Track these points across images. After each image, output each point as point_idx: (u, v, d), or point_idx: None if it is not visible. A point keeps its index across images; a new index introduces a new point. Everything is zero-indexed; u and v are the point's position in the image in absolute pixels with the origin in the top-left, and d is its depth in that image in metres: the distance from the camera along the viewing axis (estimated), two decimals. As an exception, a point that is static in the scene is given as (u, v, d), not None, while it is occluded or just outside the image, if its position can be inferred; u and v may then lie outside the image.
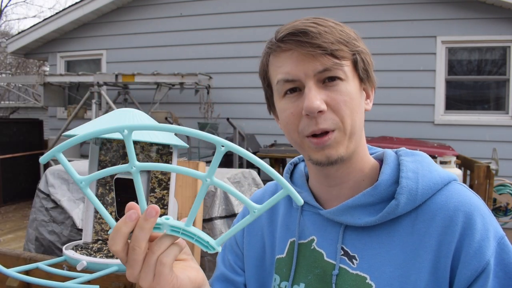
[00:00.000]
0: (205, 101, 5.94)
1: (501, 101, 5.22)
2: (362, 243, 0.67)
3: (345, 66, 0.65)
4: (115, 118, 0.76)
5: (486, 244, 0.60)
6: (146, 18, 6.40)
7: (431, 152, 4.25)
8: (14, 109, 10.63)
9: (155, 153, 0.85)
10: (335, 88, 0.64)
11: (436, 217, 0.64)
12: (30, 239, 2.49)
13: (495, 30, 5.07)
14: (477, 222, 0.62)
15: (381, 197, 0.67)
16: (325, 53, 0.63)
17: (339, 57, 0.64)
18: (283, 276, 0.74)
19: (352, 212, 0.68)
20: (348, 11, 5.34)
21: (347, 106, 0.64)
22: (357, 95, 0.67)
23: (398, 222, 0.66)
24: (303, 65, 0.64)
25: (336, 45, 0.63)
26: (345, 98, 0.64)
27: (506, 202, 4.14)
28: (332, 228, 0.71)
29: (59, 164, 2.76)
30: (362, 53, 0.67)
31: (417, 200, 0.65)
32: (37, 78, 5.96)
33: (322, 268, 0.70)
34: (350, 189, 0.71)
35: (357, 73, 0.67)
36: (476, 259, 0.60)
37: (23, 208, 6.14)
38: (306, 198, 0.75)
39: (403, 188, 0.65)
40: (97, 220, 0.88)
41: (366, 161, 0.72)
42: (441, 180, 0.67)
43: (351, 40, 0.66)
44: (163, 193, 0.85)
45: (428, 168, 0.69)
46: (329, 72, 0.64)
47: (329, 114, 0.64)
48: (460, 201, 0.64)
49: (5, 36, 15.64)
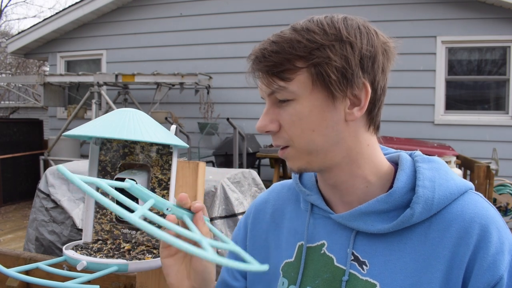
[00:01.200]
0: (205, 101, 5.94)
1: (501, 101, 5.22)
2: (373, 249, 0.66)
3: (290, 87, 0.63)
4: (115, 118, 0.76)
5: (501, 258, 0.59)
6: (146, 18, 6.40)
7: (431, 152, 4.25)
8: (14, 109, 10.63)
9: (155, 153, 0.85)
10: (285, 108, 0.66)
11: (451, 227, 0.63)
12: (30, 239, 2.49)
13: (495, 30, 5.07)
14: (492, 235, 0.61)
15: (395, 204, 0.66)
16: (268, 75, 0.65)
17: (284, 78, 0.64)
18: (291, 280, 0.73)
19: (365, 218, 0.67)
20: (348, 11, 5.30)
21: (295, 126, 0.65)
22: (314, 113, 0.64)
23: (411, 230, 0.65)
24: (260, 87, 0.68)
25: (281, 65, 0.63)
26: (293, 119, 0.65)
27: (506, 202, 4.15)
28: (343, 233, 0.70)
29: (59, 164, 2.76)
30: (322, 64, 0.62)
31: (433, 210, 0.64)
32: (37, 78, 5.96)
33: (332, 273, 0.69)
34: (355, 194, 0.70)
35: (318, 86, 0.63)
36: (489, 273, 0.59)
37: (23, 208, 6.14)
38: (316, 201, 0.74)
39: (419, 197, 0.64)
40: (97, 220, 0.88)
41: (371, 168, 0.69)
42: (457, 189, 0.66)
43: (311, 49, 0.62)
44: (163, 193, 0.85)
45: (445, 176, 0.67)
46: (277, 95, 0.66)
47: (282, 133, 0.67)
48: (476, 212, 0.63)
49: (5, 36, 15.64)
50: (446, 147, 4.50)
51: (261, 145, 5.47)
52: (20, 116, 10.30)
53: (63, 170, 0.48)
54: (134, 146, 0.87)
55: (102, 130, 0.73)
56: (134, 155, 0.87)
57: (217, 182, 2.11)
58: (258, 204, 0.86)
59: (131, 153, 0.87)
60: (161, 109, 5.81)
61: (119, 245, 0.84)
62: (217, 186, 2.10)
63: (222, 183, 2.13)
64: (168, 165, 0.84)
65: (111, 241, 0.86)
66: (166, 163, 0.85)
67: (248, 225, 0.84)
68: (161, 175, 0.85)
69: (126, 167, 0.87)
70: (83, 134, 0.73)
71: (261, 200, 0.86)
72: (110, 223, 0.88)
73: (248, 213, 0.87)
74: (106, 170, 0.88)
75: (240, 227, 0.86)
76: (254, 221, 0.84)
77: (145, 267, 0.78)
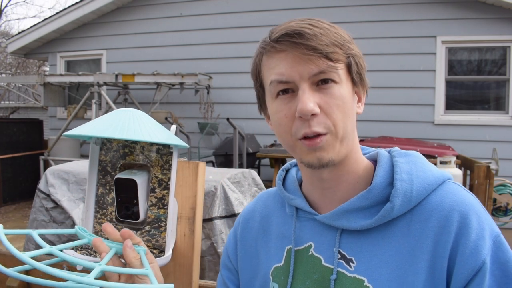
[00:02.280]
0: (205, 101, 5.94)
1: (501, 101, 5.22)
2: (358, 246, 0.67)
3: (339, 69, 0.64)
4: (115, 118, 0.76)
5: (482, 243, 0.60)
6: (146, 18, 6.40)
7: (431, 152, 4.25)
8: (14, 109, 10.63)
9: (155, 153, 0.85)
10: (328, 91, 0.64)
11: (431, 217, 0.64)
12: (30, 239, 2.49)
13: (495, 30, 5.07)
14: (472, 221, 0.62)
15: (376, 200, 0.67)
16: (320, 55, 0.62)
17: (334, 59, 0.63)
18: (281, 284, 0.74)
19: (348, 216, 0.68)
20: (348, 11, 5.34)
21: (339, 110, 0.64)
22: (350, 99, 0.67)
23: (394, 224, 0.66)
24: (298, 67, 0.63)
25: (330, 47, 0.63)
26: (338, 102, 0.64)
27: (506, 202, 4.14)
28: (329, 233, 0.71)
29: (59, 164, 2.76)
30: (356, 56, 0.67)
31: (412, 202, 0.65)
32: (37, 78, 5.96)
33: (321, 273, 0.70)
34: (344, 191, 0.71)
35: (350, 76, 0.67)
36: (472, 259, 0.60)
37: (23, 208, 6.14)
38: (301, 204, 0.75)
39: (397, 190, 0.65)
40: (97, 220, 0.88)
41: (360, 163, 0.72)
42: (435, 180, 0.67)
43: (345, 42, 0.65)
44: (163, 193, 0.85)
45: (422, 168, 0.69)
46: (324, 75, 0.63)
47: (322, 117, 0.64)
48: (455, 200, 0.64)
49: (5, 36, 15.64)
50: (446, 147, 4.50)
51: (261, 145, 5.47)
52: (20, 116, 10.30)
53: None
54: (134, 146, 0.87)
55: (102, 130, 0.73)
56: (134, 155, 0.87)
57: (217, 182, 2.11)
58: (246, 214, 0.87)
59: (131, 153, 0.87)
60: (161, 109, 5.81)
61: (119, 245, 0.84)
62: (217, 186, 2.09)
63: (222, 183, 2.13)
64: (168, 165, 0.84)
65: (111, 241, 0.86)
66: (166, 163, 0.85)
67: (237, 235, 0.86)
68: (161, 175, 0.85)
69: (126, 167, 0.87)
70: (83, 134, 0.73)
71: (249, 210, 0.87)
72: (110, 223, 0.88)
73: (236, 224, 0.88)
74: (106, 170, 0.88)
75: (230, 239, 0.88)
76: (243, 231, 0.85)
77: (145, 267, 0.78)
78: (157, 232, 0.85)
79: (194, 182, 0.91)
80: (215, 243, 2.04)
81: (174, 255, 0.89)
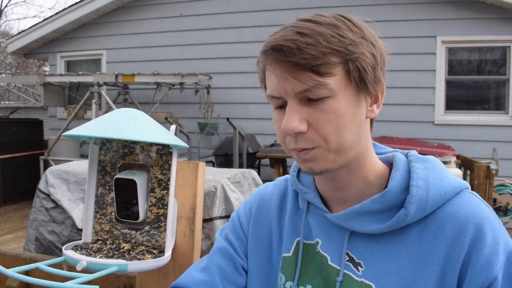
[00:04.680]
0: (205, 101, 5.93)
1: (501, 101, 5.22)
2: (368, 250, 0.66)
3: (329, 83, 0.59)
4: (115, 118, 0.76)
5: (495, 258, 0.59)
6: (146, 18, 6.40)
7: (431, 152, 4.25)
8: (14, 109, 10.63)
9: (155, 153, 0.85)
10: (320, 106, 0.60)
11: (445, 227, 0.62)
12: (30, 239, 2.49)
13: (495, 30, 5.07)
14: (487, 235, 0.60)
15: (389, 204, 0.65)
16: (303, 71, 0.58)
17: (322, 73, 0.59)
18: (289, 276, 0.73)
19: (359, 218, 0.66)
20: (347, 11, 5.27)
21: (331, 124, 0.61)
22: (348, 109, 0.62)
23: (406, 230, 0.65)
24: (284, 83, 0.60)
25: (320, 58, 0.58)
26: (330, 117, 0.60)
27: (506, 202, 4.14)
28: (338, 232, 0.69)
29: (59, 164, 2.76)
30: (358, 60, 0.61)
31: (427, 210, 0.63)
32: (37, 78, 5.96)
33: (327, 272, 0.69)
34: (354, 194, 0.69)
35: (352, 82, 0.62)
36: (483, 274, 0.58)
37: (23, 208, 6.14)
38: (313, 199, 0.73)
39: (413, 197, 0.63)
40: (97, 220, 0.88)
41: (371, 168, 0.69)
42: (452, 189, 0.65)
43: (346, 45, 0.60)
44: (163, 193, 0.85)
45: (440, 176, 0.66)
46: (310, 94, 0.60)
47: (310, 133, 0.61)
48: (470, 212, 0.62)
49: (5, 36, 15.64)
50: (446, 147, 4.50)
51: (261, 145, 5.47)
52: (20, 116, 10.30)
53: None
54: (134, 146, 0.87)
55: (102, 130, 0.73)
56: (134, 155, 0.87)
57: (217, 182, 2.11)
58: (265, 194, 0.84)
59: (131, 153, 0.87)
60: (161, 109, 5.81)
61: (118, 245, 0.84)
62: (217, 186, 2.09)
63: (222, 183, 2.13)
64: (168, 165, 0.84)
65: (111, 241, 0.86)
66: (166, 163, 0.85)
67: (252, 211, 0.83)
68: (161, 175, 0.85)
69: (125, 167, 0.87)
70: (83, 134, 0.73)
71: (268, 191, 0.84)
72: (109, 223, 0.88)
73: (253, 199, 0.85)
74: (106, 170, 0.88)
75: (246, 209, 0.84)
76: (258, 209, 0.82)
77: (144, 267, 0.78)
78: (157, 232, 0.85)
79: (194, 182, 0.91)
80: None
81: (174, 255, 0.89)
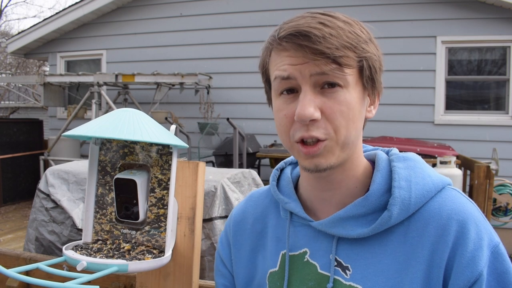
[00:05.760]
0: (205, 101, 5.94)
1: (501, 101, 5.22)
2: (355, 253, 0.66)
3: (348, 74, 0.60)
4: (115, 118, 0.76)
5: (479, 254, 0.59)
6: (146, 18, 6.40)
7: (431, 152, 4.25)
8: (14, 109, 10.63)
9: (155, 153, 0.85)
10: (333, 95, 0.60)
11: (428, 225, 0.62)
12: (30, 239, 2.49)
13: (495, 30, 5.07)
14: (470, 231, 0.60)
15: (372, 207, 0.65)
16: (327, 60, 0.58)
17: (343, 64, 0.59)
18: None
19: (344, 223, 0.66)
20: (347, 11, 5.31)
21: (343, 116, 0.60)
22: (357, 105, 0.63)
23: (391, 231, 0.65)
24: (301, 66, 0.60)
25: (340, 50, 0.58)
26: (342, 108, 0.60)
27: (506, 202, 4.14)
28: (324, 239, 0.69)
29: (59, 164, 2.76)
30: (370, 59, 0.62)
31: (410, 210, 0.63)
32: (37, 78, 5.96)
33: (316, 280, 0.68)
34: (342, 195, 0.69)
35: (361, 80, 0.63)
36: (468, 270, 0.58)
37: (23, 208, 6.14)
38: (295, 209, 0.72)
39: (395, 199, 0.63)
40: (97, 220, 0.88)
41: (360, 166, 0.69)
42: (434, 187, 0.65)
43: (360, 43, 0.61)
44: (163, 193, 0.85)
45: (421, 174, 0.66)
46: (327, 77, 0.59)
47: (323, 122, 0.60)
48: (453, 208, 0.63)
49: (5, 36, 15.64)
50: (446, 147, 4.50)
51: (261, 145, 5.47)
52: (20, 116, 10.30)
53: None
54: (134, 146, 0.87)
55: (102, 130, 0.73)
56: (134, 155, 0.87)
57: (217, 182, 2.11)
58: (236, 216, 0.84)
59: (131, 153, 0.87)
60: (161, 109, 5.81)
61: (119, 245, 0.84)
62: (217, 186, 2.09)
63: (222, 183, 2.13)
64: (168, 165, 0.84)
65: (111, 241, 0.86)
66: (166, 163, 0.85)
67: (230, 239, 0.83)
68: (161, 175, 0.85)
69: (125, 167, 0.87)
70: (83, 134, 0.73)
71: (239, 212, 0.84)
72: (110, 223, 0.88)
73: (227, 227, 0.85)
74: (106, 170, 0.88)
75: (223, 243, 0.85)
76: (235, 234, 0.82)
77: (145, 267, 0.78)
78: (157, 232, 0.85)
79: (194, 182, 0.91)
80: (215, 243, 2.04)
81: (174, 255, 0.89)
